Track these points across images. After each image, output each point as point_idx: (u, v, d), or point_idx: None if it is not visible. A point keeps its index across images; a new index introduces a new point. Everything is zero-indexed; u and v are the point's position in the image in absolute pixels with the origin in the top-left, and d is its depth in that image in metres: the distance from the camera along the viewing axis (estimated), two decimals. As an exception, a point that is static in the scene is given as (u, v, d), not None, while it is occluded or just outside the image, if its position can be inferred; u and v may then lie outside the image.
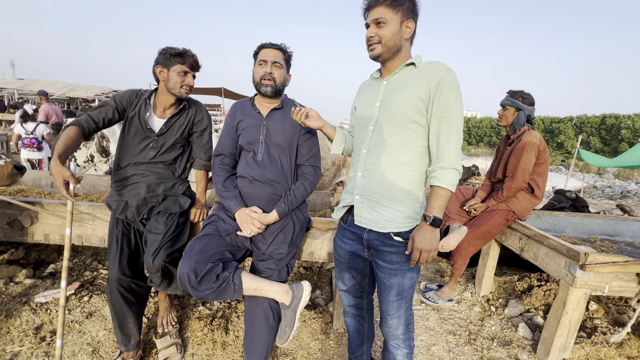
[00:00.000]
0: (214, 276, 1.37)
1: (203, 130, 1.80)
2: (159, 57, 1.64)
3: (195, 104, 1.80)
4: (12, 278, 2.37)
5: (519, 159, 2.24)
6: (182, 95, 1.66)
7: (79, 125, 1.53)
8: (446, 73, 1.16)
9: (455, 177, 1.17)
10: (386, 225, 1.26)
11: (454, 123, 1.17)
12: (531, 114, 2.30)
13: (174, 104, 1.72)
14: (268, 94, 1.53)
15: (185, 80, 1.65)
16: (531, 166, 2.25)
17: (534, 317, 2.31)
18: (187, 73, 1.65)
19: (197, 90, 15.12)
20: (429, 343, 2.10)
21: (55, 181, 1.38)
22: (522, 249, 2.28)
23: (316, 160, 1.64)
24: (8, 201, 1.90)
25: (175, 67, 1.62)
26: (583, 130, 27.30)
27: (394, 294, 1.30)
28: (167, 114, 1.72)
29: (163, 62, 1.63)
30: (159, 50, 1.66)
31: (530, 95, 2.31)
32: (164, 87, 1.66)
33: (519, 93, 2.30)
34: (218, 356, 1.82)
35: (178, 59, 1.61)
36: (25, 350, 1.75)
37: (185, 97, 1.69)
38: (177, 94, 1.65)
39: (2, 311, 2.00)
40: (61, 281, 1.50)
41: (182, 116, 1.74)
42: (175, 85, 1.63)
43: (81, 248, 2.89)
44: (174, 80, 1.62)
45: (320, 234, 1.92)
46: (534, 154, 2.23)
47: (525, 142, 2.23)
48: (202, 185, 1.87)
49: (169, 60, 1.61)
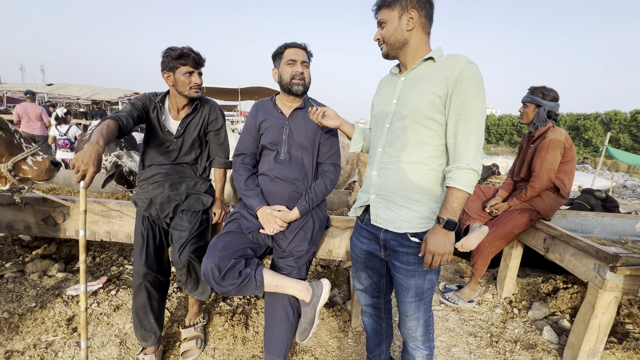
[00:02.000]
0: (237, 272, 1.40)
1: (219, 129, 1.81)
2: (162, 61, 1.65)
3: (207, 103, 1.81)
4: (46, 271, 2.51)
5: (543, 158, 2.16)
6: (192, 95, 1.66)
7: (117, 120, 1.54)
8: (466, 67, 1.11)
9: (472, 178, 1.12)
10: (402, 225, 1.23)
11: (473, 121, 1.11)
12: (554, 110, 2.21)
13: (187, 104, 1.73)
14: (299, 93, 1.53)
15: (192, 80, 1.64)
16: (557, 165, 2.17)
17: (560, 320, 2.23)
18: (193, 72, 1.64)
19: (214, 91, 15.43)
20: (449, 344, 2.06)
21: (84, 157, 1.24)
22: (547, 249, 2.20)
23: (337, 159, 1.64)
24: (43, 198, 2.02)
25: (179, 69, 1.61)
26: (611, 127, 26.02)
27: (412, 295, 1.28)
28: (181, 114, 1.74)
29: (167, 67, 1.63)
30: (161, 53, 1.65)
31: (553, 90, 2.23)
32: (175, 90, 1.68)
33: (540, 89, 2.23)
34: (238, 351, 1.86)
35: (180, 60, 1.60)
36: (58, 340, 1.84)
37: (195, 97, 1.68)
38: (187, 95, 1.65)
39: (37, 302, 2.12)
40: (80, 285, 1.45)
41: (196, 116, 1.75)
42: (183, 88, 1.64)
43: (108, 244, 3.01)
44: (182, 82, 1.63)
45: (338, 232, 1.93)
46: (560, 151, 2.15)
47: (550, 139, 2.15)
48: (221, 184, 1.90)
49: (173, 64, 1.61)
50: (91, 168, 1.25)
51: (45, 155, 1.75)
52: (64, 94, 16.21)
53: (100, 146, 1.31)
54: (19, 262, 2.61)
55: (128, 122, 1.57)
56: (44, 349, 1.78)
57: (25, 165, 1.65)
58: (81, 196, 1.38)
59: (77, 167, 1.25)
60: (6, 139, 1.61)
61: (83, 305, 1.42)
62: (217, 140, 1.83)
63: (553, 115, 2.22)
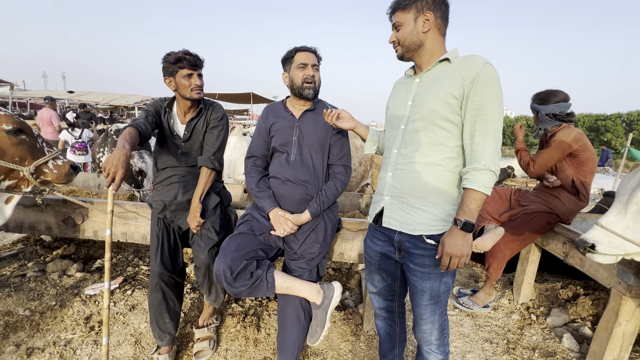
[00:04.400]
0: (248, 273, 1.41)
1: (213, 128, 1.76)
2: (163, 67, 1.67)
3: (212, 105, 1.81)
4: (65, 271, 2.59)
5: (542, 154, 2.19)
6: (194, 97, 1.67)
7: (137, 127, 1.58)
8: (483, 67, 1.10)
9: (490, 179, 1.10)
10: (416, 227, 1.22)
11: (490, 121, 1.10)
12: (555, 111, 2.17)
13: (192, 107, 1.75)
14: (310, 97, 1.54)
15: (192, 82, 1.65)
16: (551, 163, 2.17)
17: (581, 327, 2.15)
18: (192, 74, 1.64)
19: (227, 96, 15.68)
20: (463, 350, 2.01)
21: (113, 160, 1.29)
22: (566, 254, 2.13)
23: (347, 160, 1.64)
24: (63, 200, 2.08)
25: (178, 72, 1.63)
26: (634, 128, 25.05)
27: (427, 298, 1.26)
28: (187, 118, 1.76)
29: (168, 72, 1.66)
30: (161, 59, 1.67)
31: (556, 93, 2.19)
32: (178, 94, 1.71)
33: (537, 95, 2.26)
34: (250, 352, 1.87)
35: (178, 64, 1.61)
36: (76, 338, 1.89)
37: (197, 98, 1.69)
38: (190, 97, 1.66)
39: (57, 301, 2.18)
40: (104, 282, 1.49)
41: (200, 118, 1.76)
42: (185, 90, 1.66)
43: (124, 245, 3.09)
44: (183, 85, 1.65)
45: (350, 234, 1.92)
46: (561, 152, 2.13)
47: (556, 139, 2.15)
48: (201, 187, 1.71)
49: (172, 68, 1.63)
50: (120, 170, 1.30)
51: (65, 159, 1.81)
52: (84, 101, 16.81)
53: (127, 149, 1.37)
54: (41, 262, 2.70)
55: (147, 128, 1.62)
56: (63, 346, 1.83)
57: (46, 168, 1.72)
58: (109, 197, 1.46)
59: (108, 170, 1.30)
60: (29, 143, 1.68)
61: (106, 302, 1.47)
62: (210, 138, 1.75)
63: (562, 116, 2.17)
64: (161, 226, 1.75)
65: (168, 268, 1.72)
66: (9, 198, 1.75)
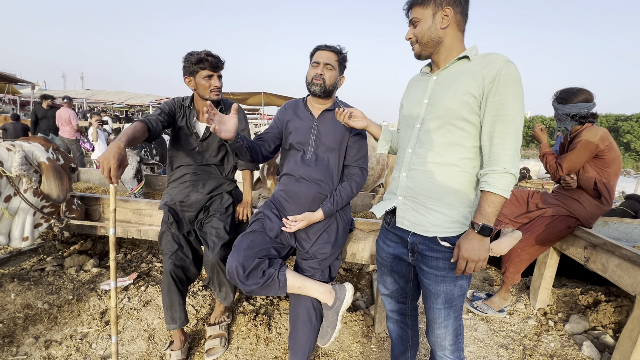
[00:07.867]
0: (260, 272, 1.41)
1: (241, 130, 1.79)
2: (183, 67, 1.68)
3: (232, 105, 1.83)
4: (82, 266, 2.65)
5: (568, 157, 2.11)
6: (213, 98, 1.69)
7: (147, 122, 1.59)
8: (504, 66, 1.06)
9: (509, 182, 1.06)
10: (430, 228, 1.19)
11: (511, 122, 1.06)
12: (573, 112, 2.08)
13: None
14: (317, 94, 1.54)
15: (211, 83, 1.66)
16: (579, 165, 2.10)
17: (602, 335, 2.07)
18: (212, 76, 1.66)
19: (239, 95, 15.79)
20: (478, 355, 1.97)
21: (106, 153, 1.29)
22: (587, 259, 2.05)
23: (364, 162, 1.63)
24: (81, 196, 2.13)
25: (199, 73, 1.64)
26: (656, 129, 24.02)
27: (441, 302, 1.23)
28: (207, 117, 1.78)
29: (188, 72, 1.67)
30: (182, 58, 1.69)
31: (578, 92, 2.09)
32: (197, 94, 1.72)
33: (557, 94, 2.19)
34: (261, 351, 1.87)
35: (200, 65, 1.63)
36: (92, 332, 1.93)
37: (216, 99, 1.70)
38: (208, 98, 1.68)
39: (74, 295, 2.24)
40: (111, 281, 1.46)
41: None
42: (204, 91, 1.67)
43: (138, 241, 3.14)
44: (202, 86, 1.66)
45: (362, 235, 1.89)
46: (588, 153, 2.06)
47: (581, 139, 2.07)
48: (247, 184, 1.93)
49: (193, 68, 1.65)
50: (112, 163, 1.27)
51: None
52: (101, 100, 17.26)
53: (122, 142, 1.35)
54: (59, 257, 2.77)
55: (157, 125, 1.62)
56: (80, 340, 1.87)
57: (74, 205, 1.96)
58: (111, 195, 1.39)
59: (102, 165, 1.28)
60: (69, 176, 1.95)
61: (113, 302, 1.46)
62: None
63: (582, 116, 2.08)
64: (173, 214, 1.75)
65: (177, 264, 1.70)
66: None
